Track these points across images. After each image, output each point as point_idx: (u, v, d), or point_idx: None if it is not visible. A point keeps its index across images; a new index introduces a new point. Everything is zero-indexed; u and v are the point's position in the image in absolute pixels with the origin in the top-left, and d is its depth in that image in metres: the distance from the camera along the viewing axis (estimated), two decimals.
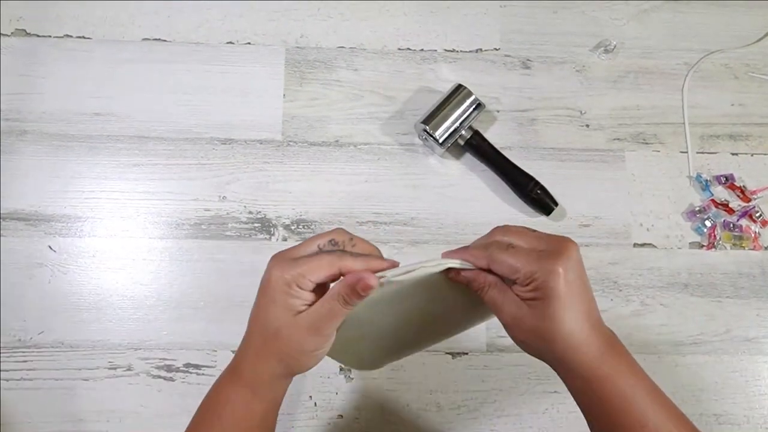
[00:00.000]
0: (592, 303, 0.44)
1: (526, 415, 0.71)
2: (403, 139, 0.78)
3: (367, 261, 0.45)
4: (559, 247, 0.43)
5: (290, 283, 0.43)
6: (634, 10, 0.84)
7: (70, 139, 0.74)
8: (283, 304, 0.44)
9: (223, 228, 0.73)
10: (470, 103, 0.74)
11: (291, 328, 0.44)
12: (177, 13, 0.79)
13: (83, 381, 0.69)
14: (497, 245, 0.45)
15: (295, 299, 0.44)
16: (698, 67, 0.82)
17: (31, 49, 0.77)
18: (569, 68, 0.81)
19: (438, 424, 0.70)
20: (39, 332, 0.69)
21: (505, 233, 0.46)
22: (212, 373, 0.69)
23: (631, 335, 0.73)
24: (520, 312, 0.44)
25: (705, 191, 0.78)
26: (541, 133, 0.79)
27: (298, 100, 0.78)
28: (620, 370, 0.44)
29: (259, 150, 0.76)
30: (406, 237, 0.74)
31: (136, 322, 0.70)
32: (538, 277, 0.42)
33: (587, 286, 0.44)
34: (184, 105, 0.76)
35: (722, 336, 0.74)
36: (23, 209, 0.72)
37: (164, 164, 0.75)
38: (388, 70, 0.80)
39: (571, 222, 0.76)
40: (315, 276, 0.44)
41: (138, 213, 0.73)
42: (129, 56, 0.77)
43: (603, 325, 0.45)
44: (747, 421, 0.72)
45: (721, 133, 0.80)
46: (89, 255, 0.72)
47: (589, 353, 0.43)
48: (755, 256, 0.77)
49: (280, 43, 0.79)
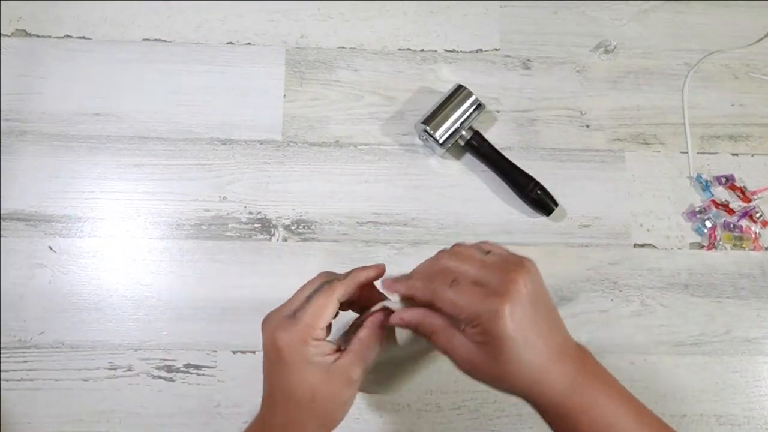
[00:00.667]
0: (553, 328, 0.41)
1: (526, 415, 0.71)
2: (404, 139, 0.78)
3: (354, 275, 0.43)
4: (506, 281, 0.39)
5: (305, 341, 0.41)
6: (634, 10, 0.84)
7: (70, 139, 0.74)
8: (309, 365, 0.41)
9: (223, 228, 0.73)
10: (470, 103, 0.74)
11: (327, 385, 0.42)
12: (177, 13, 0.79)
13: (83, 381, 0.69)
14: (441, 277, 0.41)
15: (318, 355, 0.41)
16: (698, 67, 0.82)
17: (31, 49, 0.77)
18: (569, 68, 0.81)
19: (438, 424, 0.70)
20: (39, 332, 0.69)
21: (451, 257, 0.43)
22: (212, 373, 0.69)
23: (631, 335, 0.73)
24: (471, 356, 0.40)
25: (705, 192, 0.78)
26: (542, 134, 0.79)
27: (299, 101, 0.78)
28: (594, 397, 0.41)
29: (259, 150, 0.76)
30: (406, 237, 0.74)
31: (137, 322, 0.70)
32: (483, 320, 0.38)
33: (545, 315, 0.40)
34: (184, 105, 0.76)
35: (722, 336, 0.74)
36: (23, 209, 0.72)
37: (164, 164, 0.75)
38: (388, 71, 0.80)
39: (571, 222, 0.76)
40: (322, 321, 0.41)
41: (138, 213, 0.73)
42: (129, 56, 0.77)
43: (569, 344, 0.42)
44: (747, 422, 0.72)
45: (722, 133, 0.80)
46: (89, 255, 0.72)
47: (557, 385, 0.40)
48: (755, 256, 0.76)
49: (280, 43, 0.79)
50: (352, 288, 0.43)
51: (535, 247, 0.75)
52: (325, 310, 0.41)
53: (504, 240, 0.75)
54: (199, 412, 0.68)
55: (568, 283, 0.74)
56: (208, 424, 0.68)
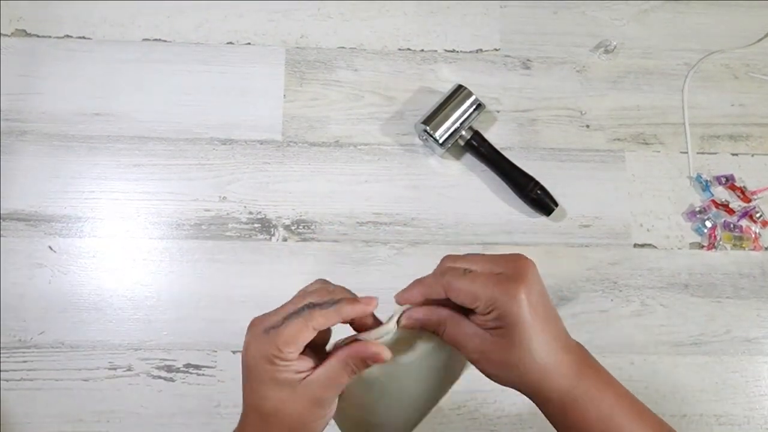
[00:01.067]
0: (559, 322, 0.42)
1: (526, 415, 0.71)
2: (404, 139, 0.78)
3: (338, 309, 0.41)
4: (518, 268, 0.40)
5: (271, 360, 0.40)
6: (634, 10, 0.84)
7: (70, 139, 0.74)
8: (274, 381, 0.41)
9: (223, 228, 0.73)
10: (470, 103, 0.74)
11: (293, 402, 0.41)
12: (177, 13, 0.79)
13: (83, 381, 0.69)
14: (452, 271, 0.41)
15: (286, 373, 0.40)
16: (698, 67, 0.82)
17: (31, 49, 0.77)
18: (569, 68, 0.81)
19: (438, 424, 0.70)
20: (39, 332, 0.69)
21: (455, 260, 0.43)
22: (212, 373, 0.69)
23: (631, 335, 0.73)
24: (484, 345, 0.40)
25: (705, 192, 0.78)
26: (542, 134, 0.79)
27: (298, 101, 0.78)
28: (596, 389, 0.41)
29: (259, 150, 0.76)
30: (406, 237, 0.74)
31: (137, 322, 0.70)
32: (499, 304, 0.39)
33: (551, 305, 0.41)
34: (184, 105, 0.76)
35: (722, 336, 0.74)
36: (23, 209, 0.72)
37: (164, 164, 0.75)
38: (388, 71, 0.80)
39: (571, 222, 0.76)
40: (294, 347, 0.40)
41: (138, 213, 0.73)
42: (129, 56, 0.77)
43: (570, 340, 0.43)
44: (747, 421, 0.72)
45: (722, 133, 0.80)
46: (89, 255, 0.72)
47: (564, 377, 0.41)
48: (755, 256, 0.76)
49: (280, 43, 0.79)
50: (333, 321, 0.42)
51: (535, 247, 0.75)
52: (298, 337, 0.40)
53: (504, 240, 0.75)
54: (199, 412, 0.68)
55: (568, 283, 0.74)
56: (208, 424, 0.68)
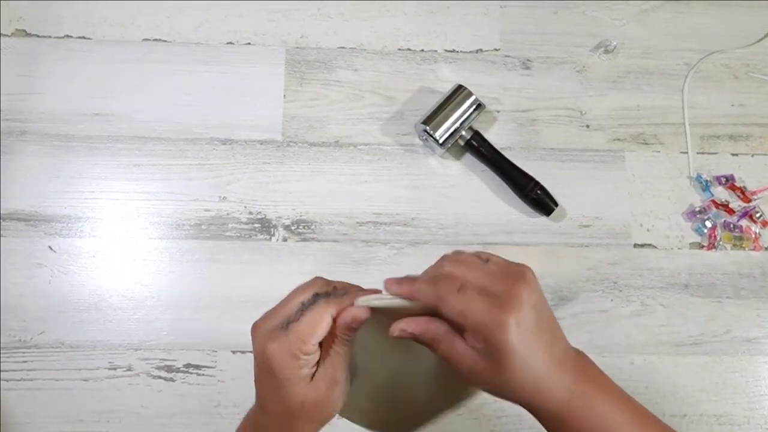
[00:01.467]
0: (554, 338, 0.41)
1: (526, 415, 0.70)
2: (403, 139, 0.78)
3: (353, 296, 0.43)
4: (512, 293, 0.39)
5: (295, 355, 0.41)
6: (634, 10, 0.84)
7: (70, 139, 0.74)
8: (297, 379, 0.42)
9: (223, 228, 0.73)
10: (470, 103, 0.74)
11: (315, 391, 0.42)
12: (177, 13, 0.79)
13: (83, 381, 0.69)
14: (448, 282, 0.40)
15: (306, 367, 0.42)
16: (698, 67, 0.82)
17: (31, 49, 0.77)
18: (569, 68, 0.81)
19: (438, 424, 0.70)
20: (39, 332, 0.69)
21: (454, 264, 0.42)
22: (212, 373, 0.69)
23: (631, 335, 0.73)
24: (475, 365, 0.40)
25: (705, 192, 0.78)
26: (542, 134, 0.79)
27: (298, 101, 0.78)
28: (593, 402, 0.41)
29: (259, 150, 0.76)
30: (406, 237, 0.74)
31: (137, 322, 0.70)
32: (487, 332, 0.38)
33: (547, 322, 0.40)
34: (184, 105, 0.76)
35: (722, 336, 0.74)
36: (23, 209, 0.72)
37: (164, 164, 0.75)
38: (388, 71, 0.80)
39: (571, 222, 0.76)
40: (315, 337, 0.41)
41: (138, 213, 0.73)
42: (129, 56, 0.77)
43: (569, 352, 0.42)
44: (747, 421, 0.72)
45: (722, 133, 0.80)
46: (89, 255, 0.72)
47: (558, 394, 0.40)
48: (755, 256, 0.76)
49: (280, 43, 0.79)
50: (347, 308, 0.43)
51: (535, 247, 0.75)
52: (318, 326, 0.41)
53: (504, 240, 0.75)
54: (199, 412, 0.68)
55: (568, 283, 0.74)
56: (208, 424, 0.68)
